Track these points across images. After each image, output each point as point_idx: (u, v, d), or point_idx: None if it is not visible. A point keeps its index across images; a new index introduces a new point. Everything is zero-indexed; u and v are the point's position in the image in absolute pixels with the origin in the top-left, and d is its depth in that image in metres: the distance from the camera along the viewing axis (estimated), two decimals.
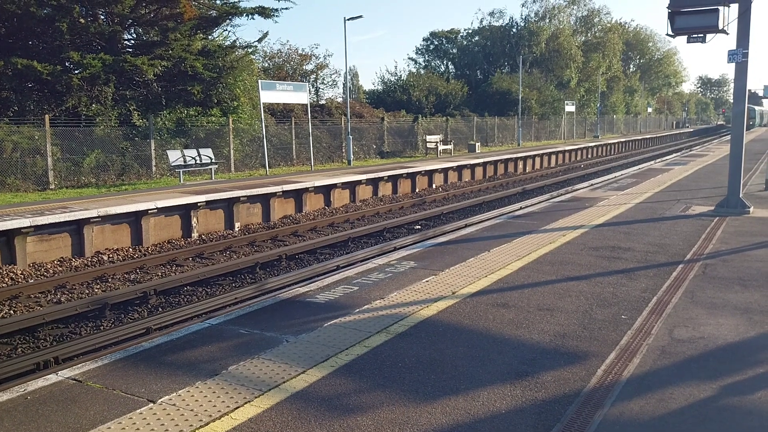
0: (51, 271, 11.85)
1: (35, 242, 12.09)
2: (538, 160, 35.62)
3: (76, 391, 4.45)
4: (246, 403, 4.21)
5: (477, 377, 4.61)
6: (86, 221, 12.76)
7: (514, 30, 59.29)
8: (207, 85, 24.30)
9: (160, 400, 4.26)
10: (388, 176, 22.60)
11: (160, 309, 9.87)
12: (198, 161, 20.75)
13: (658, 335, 5.45)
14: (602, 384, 4.47)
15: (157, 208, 14.15)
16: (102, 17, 23.65)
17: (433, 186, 25.45)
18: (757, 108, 76.63)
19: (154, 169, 21.47)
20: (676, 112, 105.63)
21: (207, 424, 3.96)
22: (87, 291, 10.73)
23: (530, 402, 4.21)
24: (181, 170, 20.05)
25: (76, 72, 21.22)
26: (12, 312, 9.55)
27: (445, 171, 26.58)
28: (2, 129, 18.27)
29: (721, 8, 11.25)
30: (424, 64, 60.85)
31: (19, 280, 11.16)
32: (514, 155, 32.95)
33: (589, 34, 68.36)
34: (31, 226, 11.79)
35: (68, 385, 4.57)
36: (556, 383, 4.49)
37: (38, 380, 4.71)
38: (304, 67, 38.39)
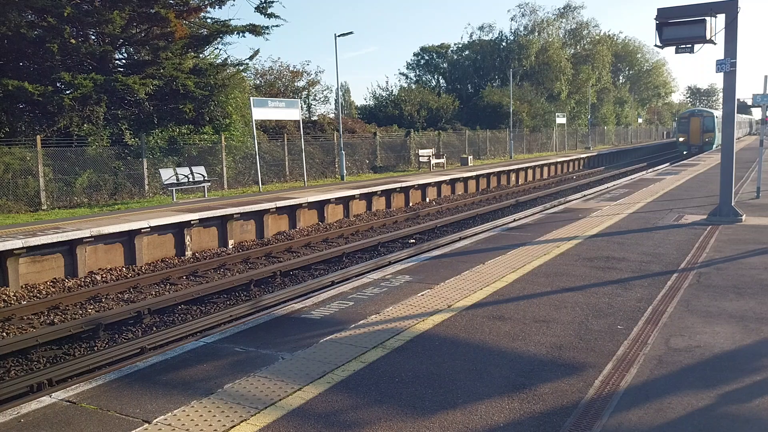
0: (44, 292, 11.77)
1: (28, 263, 12.02)
2: (530, 172, 35.75)
3: (71, 413, 4.40)
4: (242, 421, 4.17)
5: (474, 391, 4.59)
6: (79, 241, 12.70)
7: (503, 44, 59.72)
8: (199, 103, 24.33)
9: (155, 421, 4.22)
10: (382, 191, 22.61)
11: (155, 328, 9.81)
12: (191, 179, 20.72)
13: (654, 345, 5.45)
14: (600, 395, 4.46)
15: (150, 227, 14.10)
16: (93, 37, 23.71)
17: (427, 200, 25.48)
18: (717, 114, 48.30)
19: (146, 187, 21.42)
20: (667, 122, 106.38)
21: None
22: (80, 311, 10.66)
23: (528, 414, 4.19)
24: (173, 188, 20.01)
25: (68, 92, 21.21)
26: (5, 334, 9.47)
27: (438, 185, 26.63)
28: None
29: (708, 19, 11.36)
30: (415, 79, 61.15)
31: (12, 301, 11.07)
32: (507, 168, 33.06)
33: (578, 47, 68.93)
34: (23, 248, 11.72)
35: (62, 407, 4.53)
36: (554, 395, 4.47)
37: (32, 402, 4.67)
38: (295, 83, 38.49)
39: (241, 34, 26.45)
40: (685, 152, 47.22)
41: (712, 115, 48.20)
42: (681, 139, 48.74)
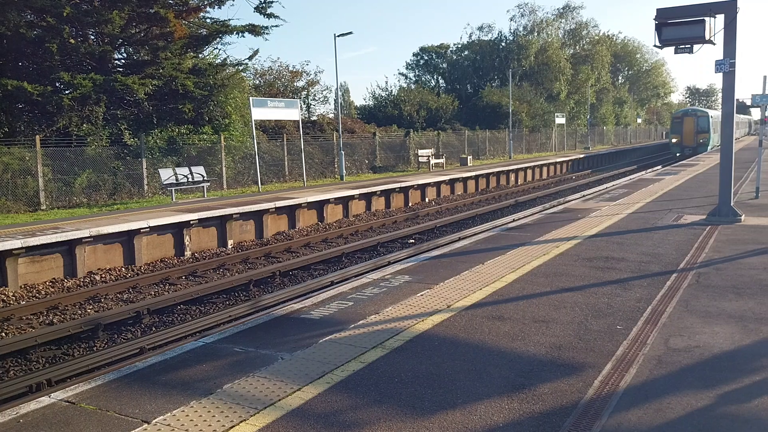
0: (43, 292, 11.76)
1: (27, 263, 12.01)
2: (530, 172, 35.75)
3: (70, 414, 4.40)
4: (242, 421, 4.17)
5: (474, 391, 4.59)
6: (78, 241, 12.69)
7: (503, 44, 59.72)
8: (198, 103, 24.32)
9: (154, 421, 4.22)
10: (381, 191, 22.61)
11: (154, 328, 9.80)
12: (190, 179, 20.71)
13: (653, 345, 5.45)
14: (599, 395, 4.46)
15: (149, 227, 14.10)
16: (92, 37, 23.70)
17: (426, 200, 25.48)
18: (712, 114, 46.08)
19: (146, 187, 21.42)
20: (666, 122, 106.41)
21: None
22: (79, 312, 10.65)
23: (528, 415, 4.19)
24: (173, 188, 19.99)
25: (67, 92, 21.21)
26: (4, 334, 9.46)
27: (437, 185, 26.63)
28: None
29: (707, 19, 11.36)
30: (414, 79, 61.14)
31: (11, 301, 11.06)
32: (506, 168, 33.07)
33: (577, 47, 68.93)
34: (22, 248, 11.71)
35: (61, 407, 4.52)
36: (554, 395, 4.47)
37: (30, 403, 4.66)
38: (295, 83, 38.47)
39: (240, 34, 26.48)
40: (678, 154, 44.47)
41: (706, 114, 45.36)
42: (674, 140, 45.78)
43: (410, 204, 24.25)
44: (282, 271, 13.03)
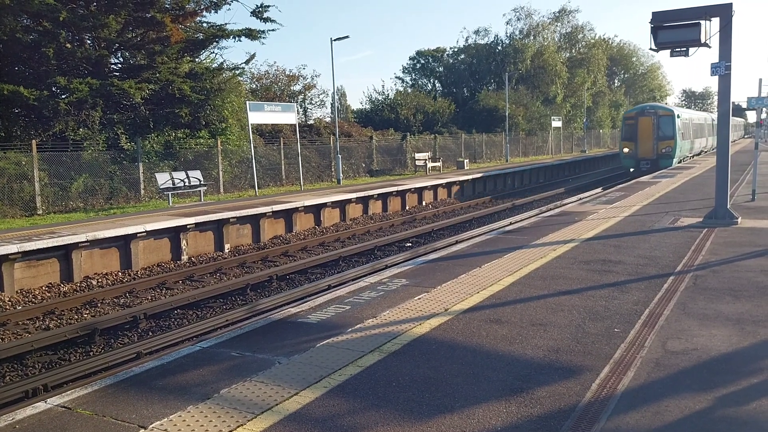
0: (39, 297, 11.72)
1: (23, 268, 11.97)
2: (527, 175, 35.78)
3: (66, 419, 4.38)
4: (239, 426, 4.16)
5: (472, 395, 4.58)
6: (74, 246, 12.66)
7: (499, 48, 59.85)
8: (195, 108, 24.30)
9: (151, 426, 4.20)
10: (378, 194, 22.61)
11: (151, 333, 9.77)
12: (187, 183, 20.68)
13: (651, 348, 5.45)
14: (597, 398, 4.45)
15: (146, 232, 14.07)
16: (88, 42, 23.68)
17: (423, 203, 25.48)
18: (679, 113, 33.17)
19: (142, 192, 21.38)
20: None
21: None
22: (76, 316, 10.62)
23: (526, 418, 4.18)
24: (169, 193, 19.95)
25: (63, 97, 21.17)
26: (0, 339, 9.42)
27: (434, 188, 26.64)
28: None
29: (702, 22, 11.40)
30: (411, 83, 61.26)
31: (7, 306, 11.03)
32: (503, 171, 33.08)
33: (573, 51, 69.08)
34: (18, 252, 11.67)
35: (57, 412, 4.50)
36: (552, 398, 4.47)
37: (27, 408, 4.64)
38: (291, 87, 38.53)
39: (237, 39, 26.52)
40: (632, 169, 32.14)
41: (671, 114, 32.06)
42: (625, 150, 32.43)
43: (407, 207, 24.26)
44: (279, 275, 13.01)
